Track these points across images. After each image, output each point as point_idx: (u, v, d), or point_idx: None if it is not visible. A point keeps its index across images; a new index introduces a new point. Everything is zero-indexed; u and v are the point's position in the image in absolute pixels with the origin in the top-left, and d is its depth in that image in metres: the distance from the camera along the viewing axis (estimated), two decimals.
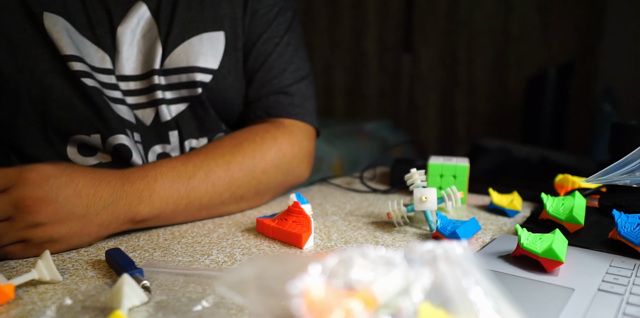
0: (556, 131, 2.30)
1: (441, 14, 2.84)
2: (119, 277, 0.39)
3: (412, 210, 0.59)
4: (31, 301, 0.39)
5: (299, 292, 0.27)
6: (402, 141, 2.61)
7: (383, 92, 3.13)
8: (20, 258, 0.49)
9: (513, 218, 0.65)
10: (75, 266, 0.47)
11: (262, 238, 0.56)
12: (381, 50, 3.09)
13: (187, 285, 0.42)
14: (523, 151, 2.01)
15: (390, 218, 0.60)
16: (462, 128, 2.86)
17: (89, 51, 0.61)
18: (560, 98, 2.24)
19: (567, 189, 0.70)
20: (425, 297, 0.39)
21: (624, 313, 0.36)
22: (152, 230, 0.59)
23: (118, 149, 0.62)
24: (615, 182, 0.55)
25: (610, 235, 0.52)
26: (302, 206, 0.55)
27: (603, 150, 2.19)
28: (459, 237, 0.51)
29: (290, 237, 0.54)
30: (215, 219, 0.64)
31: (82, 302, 0.38)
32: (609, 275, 0.43)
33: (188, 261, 0.49)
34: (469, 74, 2.80)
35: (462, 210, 0.69)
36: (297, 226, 0.54)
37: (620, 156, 0.55)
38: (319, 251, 0.52)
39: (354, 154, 2.41)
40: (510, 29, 2.64)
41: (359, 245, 0.54)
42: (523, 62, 2.63)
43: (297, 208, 0.55)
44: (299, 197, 0.56)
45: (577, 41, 2.49)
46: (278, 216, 0.57)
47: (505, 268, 0.45)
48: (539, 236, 0.47)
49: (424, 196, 0.58)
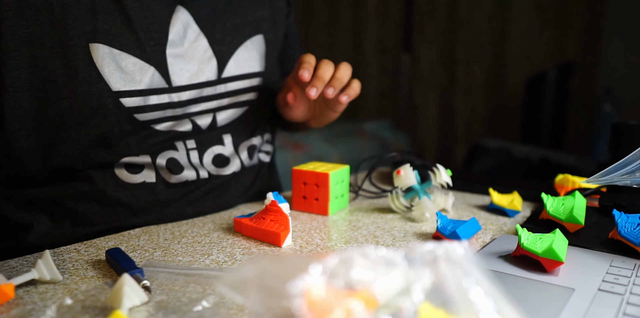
0: (556, 131, 2.29)
1: (440, 14, 2.84)
2: (119, 277, 0.39)
3: (411, 195, 0.66)
4: (31, 301, 0.39)
5: (300, 291, 0.27)
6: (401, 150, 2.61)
7: (383, 93, 3.13)
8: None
9: (513, 218, 0.65)
10: (75, 266, 0.47)
11: None
12: (381, 50, 3.09)
13: (187, 285, 0.42)
14: (523, 151, 2.01)
15: (392, 201, 0.67)
16: (462, 127, 2.86)
17: (139, 70, 0.60)
18: (560, 98, 2.24)
19: (567, 189, 0.70)
20: (426, 297, 0.39)
21: (624, 313, 0.36)
22: (152, 230, 0.59)
23: (168, 166, 0.64)
24: (616, 183, 0.55)
25: (611, 235, 0.52)
26: (279, 205, 0.56)
27: (603, 150, 2.19)
28: (459, 237, 0.51)
29: (269, 236, 0.54)
30: (215, 219, 0.64)
31: (82, 302, 0.38)
32: (609, 275, 0.43)
33: (188, 261, 0.49)
34: (469, 74, 2.80)
35: (462, 210, 0.69)
36: (275, 224, 0.55)
37: (620, 156, 0.55)
38: (319, 251, 0.52)
39: (354, 154, 2.41)
40: (509, 28, 2.64)
41: (359, 245, 0.54)
42: (523, 62, 2.63)
43: (275, 207, 0.56)
44: (277, 196, 0.57)
45: (577, 41, 2.49)
46: (255, 215, 0.57)
47: (506, 268, 0.45)
48: (539, 236, 0.47)
49: (397, 170, 0.65)
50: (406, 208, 0.67)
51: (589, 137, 2.45)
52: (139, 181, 0.62)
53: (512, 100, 2.66)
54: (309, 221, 0.63)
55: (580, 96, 2.48)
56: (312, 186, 0.65)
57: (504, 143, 2.13)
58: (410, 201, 0.67)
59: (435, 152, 2.95)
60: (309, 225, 0.61)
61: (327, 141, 2.30)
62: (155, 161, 0.63)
